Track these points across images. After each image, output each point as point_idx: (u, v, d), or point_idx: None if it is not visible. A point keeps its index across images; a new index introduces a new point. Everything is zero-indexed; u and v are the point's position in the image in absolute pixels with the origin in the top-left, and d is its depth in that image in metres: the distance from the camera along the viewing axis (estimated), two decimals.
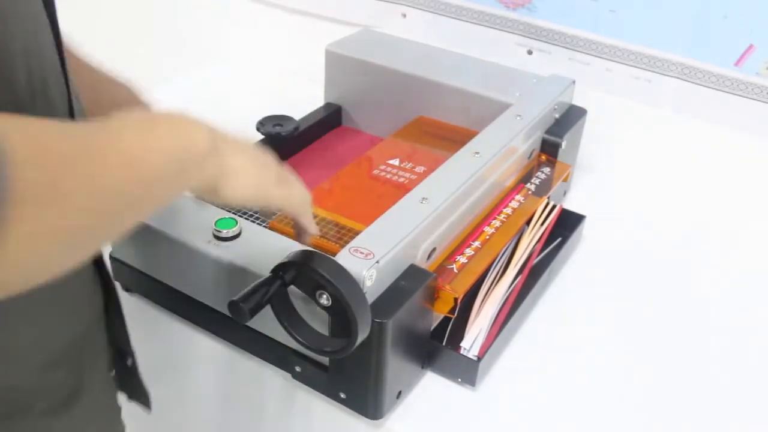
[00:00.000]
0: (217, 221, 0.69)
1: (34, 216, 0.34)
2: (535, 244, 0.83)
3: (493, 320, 0.74)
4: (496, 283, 0.78)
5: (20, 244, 0.34)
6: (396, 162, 0.88)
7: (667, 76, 1.00)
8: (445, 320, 0.73)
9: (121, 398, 0.67)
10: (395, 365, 0.65)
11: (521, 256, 0.81)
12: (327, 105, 1.05)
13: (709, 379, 0.75)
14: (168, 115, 0.46)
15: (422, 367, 0.72)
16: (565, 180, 0.96)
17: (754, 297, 0.86)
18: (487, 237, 0.78)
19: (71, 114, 0.52)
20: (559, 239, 0.86)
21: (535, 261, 0.83)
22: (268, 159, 0.55)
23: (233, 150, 0.50)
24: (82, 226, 0.38)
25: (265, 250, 0.67)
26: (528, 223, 0.84)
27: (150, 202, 0.44)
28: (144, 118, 0.45)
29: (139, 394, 0.67)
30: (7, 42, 0.41)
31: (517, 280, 0.79)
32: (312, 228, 0.62)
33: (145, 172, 0.42)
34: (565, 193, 1.00)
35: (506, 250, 0.81)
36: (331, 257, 0.60)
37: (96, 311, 0.58)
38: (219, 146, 0.48)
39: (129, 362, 0.64)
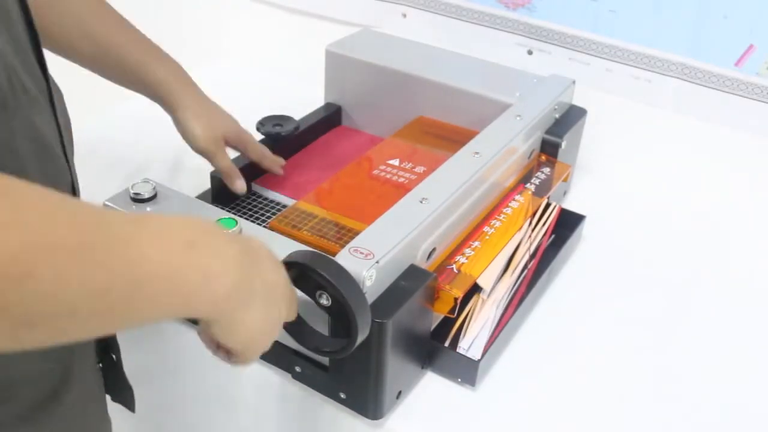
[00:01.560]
0: (216, 221, 0.69)
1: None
2: (536, 244, 0.83)
3: (493, 320, 0.74)
4: (496, 283, 0.78)
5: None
6: (396, 162, 0.88)
7: (667, 76, 1.00)
8: (446, 320, 0.73)
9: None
10: (395, 365, 0.65)
11: (521, 257, 0.81)
12: (327, 105, 1.05)
13: (709, 378, 0.75)
14: (212, 234, 0.40)
15: (422, 367, 0.72)
16: (565, 180, 0.96)
17: (754, 296, 0.86)
18: (487, 237, 0.78)
19: (52, 103, 0.52)
20: (559, 239, 0.86)
21: (536, 261, 0.83)
22: (281, 310, 0.50)
23: (253, 302, 0.44)
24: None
25: None
26: (528, 223, 0.84)
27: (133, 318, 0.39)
28: (186, 236, 0.39)
29: (123, 392, 0.67)
30: None
31: (518, 280, 0.79)
32: None
33: (147, 292, 0.37)
34: (565, 193, 1.00)
35: (506, 250, 0.81)
36: (331, 257, 0.60)
37: None
38: (241, 296, 0.42)
39: (114, 357, 0.64)
